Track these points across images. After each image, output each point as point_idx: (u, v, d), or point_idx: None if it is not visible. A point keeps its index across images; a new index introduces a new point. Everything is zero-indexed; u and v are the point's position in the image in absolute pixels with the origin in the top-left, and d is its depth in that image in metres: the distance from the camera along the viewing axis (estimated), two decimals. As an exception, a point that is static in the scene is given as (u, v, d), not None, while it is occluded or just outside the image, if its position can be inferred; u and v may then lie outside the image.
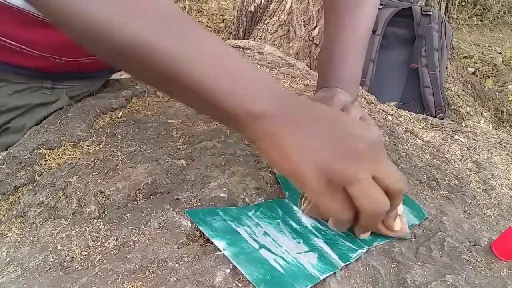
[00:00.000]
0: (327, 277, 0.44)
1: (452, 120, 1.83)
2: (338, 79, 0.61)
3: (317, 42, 2.00)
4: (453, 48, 2.29)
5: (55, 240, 0.47)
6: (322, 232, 0.49)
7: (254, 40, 2.09)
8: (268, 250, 0.45)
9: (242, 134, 0.41)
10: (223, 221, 0.48)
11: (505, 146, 0.70)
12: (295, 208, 0.51)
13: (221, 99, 0.38)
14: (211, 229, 0.47)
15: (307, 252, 0.46)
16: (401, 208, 0.48)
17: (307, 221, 0.50)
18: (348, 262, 0.45)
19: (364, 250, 0.47)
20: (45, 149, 0.59)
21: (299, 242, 0.47)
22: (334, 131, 0.39)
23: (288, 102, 0.40)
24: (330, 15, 0.66)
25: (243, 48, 0.96)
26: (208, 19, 2.72)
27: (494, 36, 2.91)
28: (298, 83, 0.83)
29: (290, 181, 0.41)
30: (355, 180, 0.38)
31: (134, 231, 0.48)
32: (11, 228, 0.49)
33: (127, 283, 0.42)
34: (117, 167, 0.56)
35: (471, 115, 2.05)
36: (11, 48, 0.63)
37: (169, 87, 0.41)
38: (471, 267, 0.47)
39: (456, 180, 0.60)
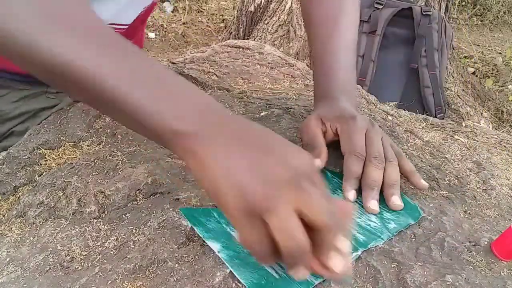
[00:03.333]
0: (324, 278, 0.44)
1: (452, 120, 1.83)
2: (337, 90, 0.61)
3: (317, 42, 2.00)
4: (453, 48, 2.30)
5: (55, 240, 0.47)
6: None
7: (254, 40, 2.09)
8: None
9: (173, 152, 0.40)
10: (217, 224, 0.48)
11: (505, 146, 0.70)
12: None
13: (149, 117, 0.37)
14: (206, 231, 0.46)
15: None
16: (345, 246, 0.40)
17: None
18: None
19: (359, 253, 0.47)
20: (45, 149, 0.59)
21: None
22: (261, 155, 0.36)
23: (219, 122, 0.38)
24: (313, 28, 0.66)
25: (243, 48, 0.96)
26: (208, 19, 2.73)
27: (494, 36, 2.91)
28: (298, 83, 0.83)
29: (213, 201, 0.39)
30: (274, 209, 0.34)
31: (134, 231, 0.48)
32: (11, 228, 0.49)
33: (127, 283, 0.42)
34: (117, 167, 0.56)
35: (471, 115, 2.06)
36: None
37: (100, 107, 0.41)
38: (471, 267, 0.47)
39: (456, 180, 0.60)
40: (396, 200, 0.52)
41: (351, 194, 0.52)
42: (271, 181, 0.35)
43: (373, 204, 0.52)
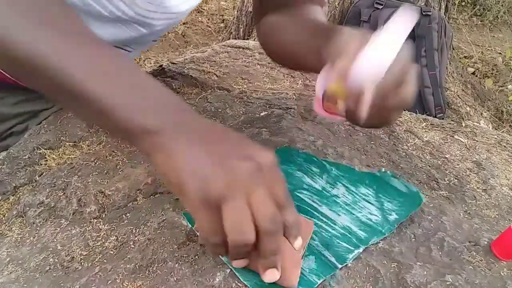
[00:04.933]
0: (327, 277, 0.44)
1: (452, 120, 1.83)
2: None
3: (317, 42, 2.00)
4: (453, 48, 2.30)
5: (55, 240, 0.47)
6: (318, 234, 0.49)
7: (254, 40, 2.09)
8: None
9: (137, 148, 0.40)
10: None
11: (505, 146, 0.70)
12: None
13: (115, 114, 0.38)
14: None
15: (304, 256, 0.46)
16: (298, 259, 0.41)
17: None
18: (345, 263, 0.45)
19: (361, 250, 0.47)
20: (45, 149, 0.59)
21: None
22: (224, 150, 0.37)
23: (185, 119, 0.39)
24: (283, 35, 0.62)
25: (243, 48, 0.96)
26: (208, 19, 2.72)
27: (494, 36, 2.91)
28: (298, 83, 0.83)
29: (177, 195, 0.39)
30: (230, 200, 0.35)
31: (134, 231, 0.48)
32: (11, 228, 0.49)
33: (127, 283, 0.42)
34: (117, 167, 0.56)
35: (471, 115, 2.05)
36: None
37: (68, 106, 0.41)
38: (471, 267, 0.47)
39: (456, 180, 0.60)
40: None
41: None
42: (231, 174, 0.36)
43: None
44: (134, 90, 0.39)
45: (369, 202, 0.53)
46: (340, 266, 0.45)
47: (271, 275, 0.39)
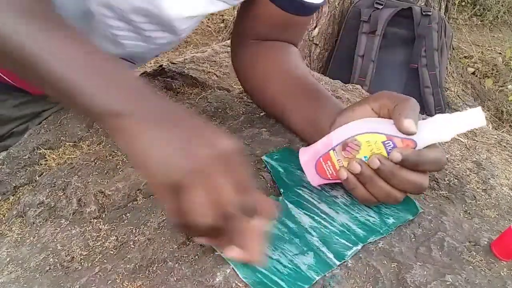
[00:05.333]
0: (327, 277, 0.44)
1: (452, 120, 1.82)
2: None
3: (317, 42, 2.00)
4: (453, 48, 2.30)
5: (55, 240, 0.47)
6: (317, 230, 0.49)
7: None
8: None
9: (103, 128, 0.41)
10: None
11: (505, 146, 0.70)
12: (290, 205, 0.51)
13: (80, 94, 0.38)
14: None
15: (303, 252, 0.46)
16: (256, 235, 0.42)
17: (305, 219, 0.50)
18: (343, 261, 0.46)
19: (359, 247, 0.47)
20: (45, 149, 0.59)
21: (295, 242, 0.47)
22: (189, 134, 0.38)
23: (149, 101, 0.40)
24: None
25: (243, 48, 0.96)
26: (208, 19, 2.72)
27: (494, 36, 2.91)
28: (298, 83, 0.83)
29: (142, 175, 0.41)
30: (190, 184, 0.37)
31: (134, 231, 0.48)
32: (11, 228, 0.49)
33: (127, 283, 0.42)
34: (117, 167, 0.56)
35: (471, 115, 2.05)
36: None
37: (42, 86, 0.42)
38: (471, 267, 0.47)
39: (456, 180, 0.60)
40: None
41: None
42: (192, 159, 0.37)
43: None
44: (99, 72, 0.40)
45: (367, 206, 0.53)
46: (338, 263, 0.45)
47: (230, 252, 0.42)
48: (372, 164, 0.48)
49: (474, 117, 0.46)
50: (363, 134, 0.48)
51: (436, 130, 0.47)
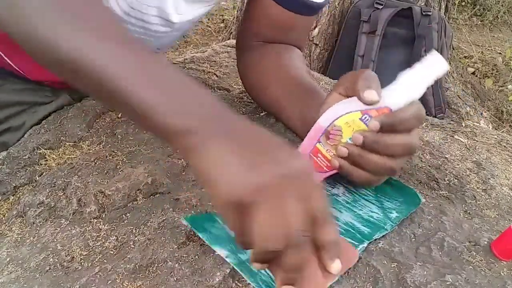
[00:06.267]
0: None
1: (452, 120, 1.83)
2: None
3: (317, 42, 2.00)
4: (453, 48, 2.30)
5: (55, 240, 0.47)
6: None
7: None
8: None
9: (174, 148, 0.40)
10: (222, 230, 0.47)
11: (505, 146, 0.70)
12: None
13: (152, 114, 0.38)
14: (211, 237, 0.46)
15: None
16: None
17: None
18: None
19: (365, 244, 0.47)
20: (45, 149, 0.59)
21: None
22: (257, 153, 0.37)
23: (219, 118, 0.39)
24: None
25: (243, 48, 0.96)
26: (208, 19, 2.72)
27: (494, 36, 2.91)
28: (298, 83, 0.83)
29: (209, 194, 0.39)
30: (260, 204, 0.34)
31: (134, 231, 0.48)
32: (11, 228, 0.49)
33: (127, 283, 0.42)
34: (117, 167, 0.56)
35: (471, 115, 2.06)
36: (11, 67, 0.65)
37: (111, 105, 0.42)
38: (471, 267, 0.47)
39: (456, 180, 0.60)
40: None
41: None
42: (259, 174, 0.35)
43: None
44: (172, 90, 0.40)
45: (369, 201, 0.53)
46: None
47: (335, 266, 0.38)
48: (356, 141, 0.48)
49: (434, 62, 0.46)
50: (340, 118, 0.49)
51: (404, 90, 0.47)
